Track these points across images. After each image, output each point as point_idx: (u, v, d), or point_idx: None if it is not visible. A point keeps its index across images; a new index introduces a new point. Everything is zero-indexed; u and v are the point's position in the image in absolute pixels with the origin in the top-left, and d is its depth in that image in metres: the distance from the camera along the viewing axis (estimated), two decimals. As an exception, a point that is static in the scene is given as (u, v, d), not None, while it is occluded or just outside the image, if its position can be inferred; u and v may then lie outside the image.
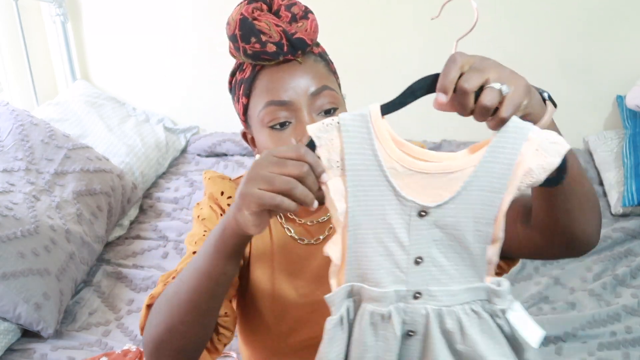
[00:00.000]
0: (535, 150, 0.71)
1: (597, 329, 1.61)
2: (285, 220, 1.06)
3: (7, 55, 2.56)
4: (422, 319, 0.76)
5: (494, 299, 0.77)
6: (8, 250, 1.65)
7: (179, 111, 2.81)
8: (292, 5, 0.94)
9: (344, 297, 0.77)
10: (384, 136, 0.72)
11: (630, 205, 2.06)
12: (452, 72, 0.69)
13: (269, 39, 0.90)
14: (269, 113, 0.93)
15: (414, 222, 0.74)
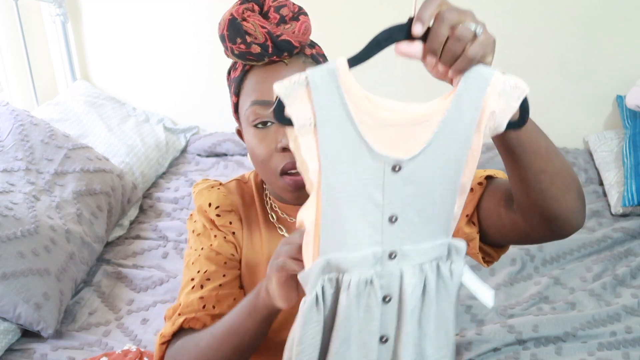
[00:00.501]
0: (498, 94, 0.72)
1: (597, 329, 1.61)
2: (277, 221, 1.08)
3: (7, 55, 2.56)
4: (397, 281, 0.75)
5: (454, 256, 0.77)
6: (8, 250, 1.65)
7: (178, 111, 2.81)
8: (281, 7, 0.95)
9: (319, 273, 0.74)
10: (353, 90, 0.70)
11: (630, 205, 2.06)
12: (431, 7, 0.69)
13: (254, 40, 0.92)
14: (253, 112, 0.96)
15: (388, 179, 0.72)
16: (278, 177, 0.97)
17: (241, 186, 1.12)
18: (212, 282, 1.03)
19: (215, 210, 1.07)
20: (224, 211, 1.08)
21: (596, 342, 1.57)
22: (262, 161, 0.98)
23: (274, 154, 0.96)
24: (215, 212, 1.07)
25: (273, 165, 0.97)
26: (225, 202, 1.08)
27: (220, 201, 1.08)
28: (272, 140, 0.96)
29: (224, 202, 1.08)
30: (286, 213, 1.07)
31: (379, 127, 0.71)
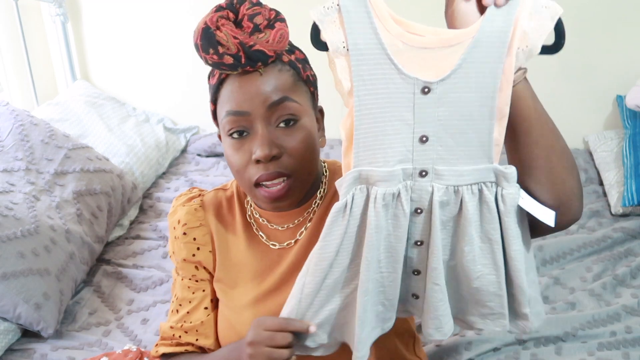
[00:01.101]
0: (529, 14, 0.74)
1: (597, 329, 1.61)
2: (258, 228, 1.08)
3: (7, 55, 2.56)
4: (428, 195, 0.79)
5: (503, 182, 0.79)
6: (8, 250, 1.65)
7: (178, 111, 2.81)
8: (255, 15, 0.92)
9: (351, 182, 0.79)
10: (383, 14, 0.73)
11: (630, 205, 2.06)
12: None
13: (226, 50, 0.90)
14: (229, 122, 0.95)
15: (418, 100, 0.75)
16: (253, 187, 0.97)
17: (218, 196, 1.13)
18: (182, 308, 1.11)
19: (183, 227, 1.10)
20: (190, 228, 1.09)
21: (596, 342, 1.57)
22: (237, 171, 0.98)
23: (249, 165, 0.96)
24: (182, 229, 1.10)
25: (248, 176, 0.97)
26: (193, 217, 1.10)
27: (189, 217, 1.10)
28: (247, 151, 0.95)
29: (192, 217, 1.10)
30: (266, 220, 1.07)
31: (409, 50, 0.73)
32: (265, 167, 0.94)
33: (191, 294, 1.11)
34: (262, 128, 0.94)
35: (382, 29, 0.73)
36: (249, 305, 1.05)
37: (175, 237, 1.11)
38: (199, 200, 1.12)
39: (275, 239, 1.07)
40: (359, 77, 0.74)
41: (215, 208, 1.11)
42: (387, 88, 0.74)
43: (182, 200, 1.13)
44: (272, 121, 0.95)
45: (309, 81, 1.01)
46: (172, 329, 1.11)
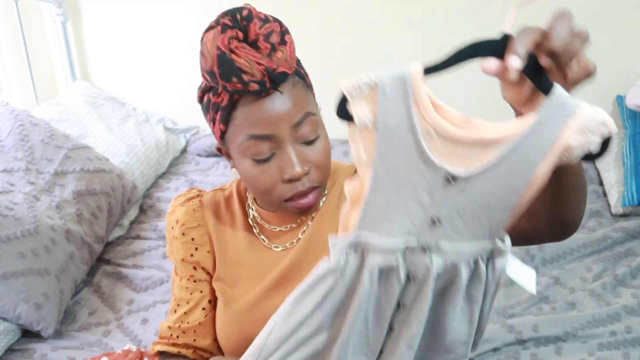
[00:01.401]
0: (579, 129, 0.68)
1: (597, 329, 1.61)
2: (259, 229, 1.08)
3: (7, 55, 2.56)
4: (424, 268, 0.77)
5: (496, 254, 0.77)
6: (8, 250, 1.65)
7: (178, 111, 2.81)
8: (270, 34, 0.90)
9: (346, 245, 0.76)
10: (423, 99, 0.69)
11: (630, 205, 2.06)
12: (528, 39, 0.64)
13: (250, 77, 0.87)
14: (252, 146, 0.92)
15: (440, 187, 0.73)
16: (283, 203, 0.97)
17: (217, 197, 1.12)
18: (180, 308, 1.11)
19: (181, 228, 1.09)
20: (188, 228, 1.09)
21: (596, 342, 1.57)
22: (265, 191, 0.96)
23: (278, 185, 0.95)
24: (180, 230, 1.09)
25: (278, 194, 0.96)
26: (191, 218, 1.09)
27: (187, 217, 1.09)
28: (275, 171, 0.94)
29: (190, 218, 1.09)
30: (267, 222, 1.07)
31: (441, 140, 0.70)
32: (297, 186, 0.94)
33: (189, 294, 1.11)
34: (290, 148, 0.93)
35: (418, 115, 0.69)
36: (250, 305, 1.05)
37: (173, 237, 1.11)
38: (197, 201, 1.11)
39: (277, 240, 1.07)
40: (381, 155, 0.71)
41: (213, 208, 1.11)
42: (409, 170, 0.72)
43: (180, 200, 1.12)
44: (297, 139, 0.94)
45: (311, 85, 1.00)
46: (170, 329, 1.12)
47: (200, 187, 2.37)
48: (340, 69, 2.62)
